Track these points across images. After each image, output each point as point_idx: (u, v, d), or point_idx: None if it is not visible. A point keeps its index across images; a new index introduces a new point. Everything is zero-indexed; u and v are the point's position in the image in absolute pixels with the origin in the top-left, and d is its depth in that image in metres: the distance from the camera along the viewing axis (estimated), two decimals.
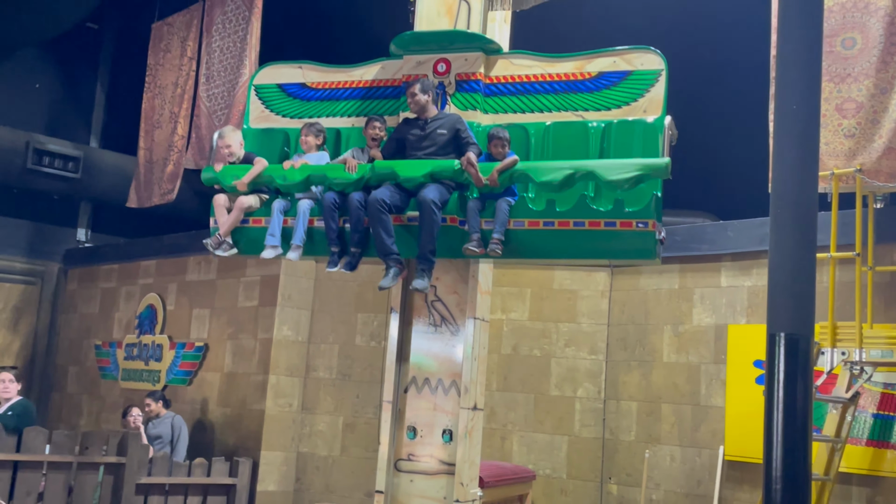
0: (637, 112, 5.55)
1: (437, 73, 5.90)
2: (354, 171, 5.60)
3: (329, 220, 5.68)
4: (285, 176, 5.79)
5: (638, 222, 5.23)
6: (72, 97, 13.92)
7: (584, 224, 5.33)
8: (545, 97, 5.79)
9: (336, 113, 6.23)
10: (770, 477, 4.47)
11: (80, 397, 12.23)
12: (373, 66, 6.17)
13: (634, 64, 5.60)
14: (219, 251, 5.95)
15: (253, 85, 6.44)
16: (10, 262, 12.88)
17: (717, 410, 8.10)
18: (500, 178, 5.39)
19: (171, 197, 11.01)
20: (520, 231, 5.44)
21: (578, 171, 5.29)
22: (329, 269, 5.79)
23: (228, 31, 10.47)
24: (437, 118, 5.69)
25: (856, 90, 6.98)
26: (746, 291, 8.13)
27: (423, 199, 5.39)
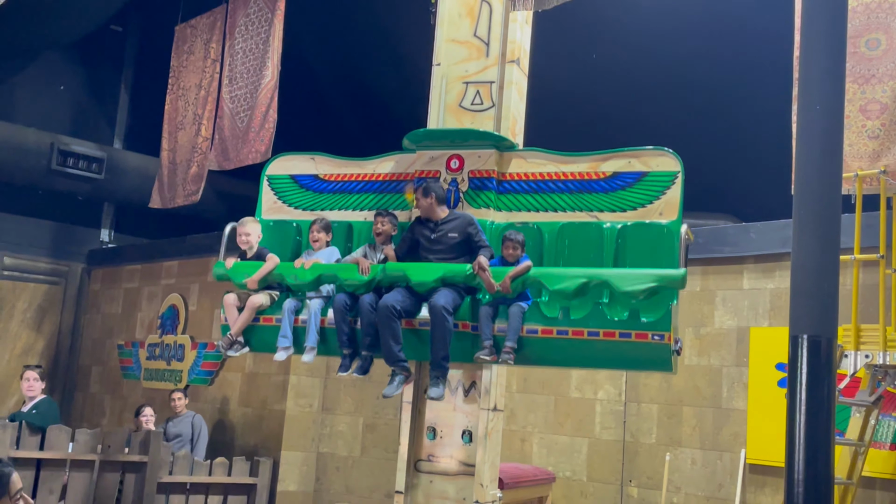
0: (653, 214, 5.42)
1: (450, 169, 5.81)
2: (367, 274, 5.52)
3: (340, 324, 5.59)
4: (296, 275, 5.71)
5: (654, 334, 5.09)
6: (96, 99, 14.03)
7: (599, 334, 5.20)
8: (559, 196, 5.67)
9: (348, 206, 6.14)
10: (792, 481, 4.43)
11: (102, 397, 12.32)
12: (386, 160, 6.08)
13: (650, 165, 5.48)
14: (230, 351, 5.92)
15: (265, 175, 6.34)
16: (35, 262, 13.00)
17: (739, 413, 8.05)
18: (513, 285, 5.27)
19: (195, 198, 11.08)
20: (533, 339, 5.31)
21: (593, 279, 5.19)
22: (340, 372, 5.70)
23: (251, 32, 10.53)
24: (448, 220, 5.59)
25: (880, 91, 6.92)
26: (769, 294, 8.08)
27: (434, 306, 5.29)
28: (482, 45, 6.05)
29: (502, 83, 6.04)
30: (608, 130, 11.48)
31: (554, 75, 9.84)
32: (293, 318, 5.77)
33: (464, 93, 6.08)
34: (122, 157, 12.96)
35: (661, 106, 11.11)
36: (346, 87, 13.52)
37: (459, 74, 6.10)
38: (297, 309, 5.80)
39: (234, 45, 10.74)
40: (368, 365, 5.66)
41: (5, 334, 12.69)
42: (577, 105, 11.27)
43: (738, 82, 10.70)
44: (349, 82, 13.43)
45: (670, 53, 10.76)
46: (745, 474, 7.85)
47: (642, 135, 11.44)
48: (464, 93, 6.08)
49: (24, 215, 12.97)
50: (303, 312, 5.77)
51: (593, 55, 11.15)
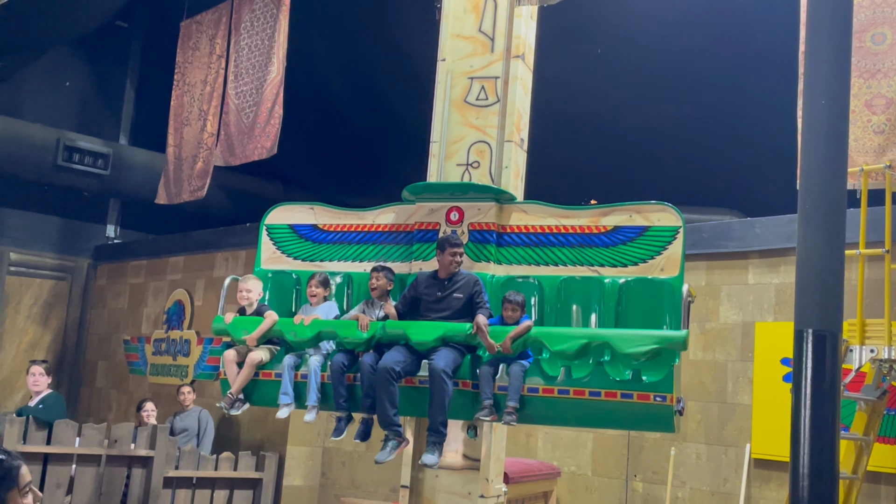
0: (654, 270, 5.38)
1: (450, 221, 5.76)
2: (366, 331, 5.46)
3: (337, 385, 5.52)
4: (296, 332, 5.66)
5: (656, 396, 5.04)
6: (102, 95, 14.07)
7: (601, 394, 5.15)
8: (560, 250, 5.62)
9: (348, 257, 6.08)
10: (797, 475, 4.45)
11: (108, 391, 12.37)
12: (385, 211, 6.02)
13: (651, 220, 5.43)
14: (233, 410, 5.90)
15: (265, 225, 6.29)
16: (41, 257, 13.05)
17: (744, 408, 8.06)
18: (513, 346, 5.22)
19: (200, 194, 11.11)
20: (534, 398, 5.26)
21: (594, 340, 5.14)
22: (334, 437, 5.66)
23: (257, 28, 10.54)
24: (455, 280, 5.52)
25: (886, 86, 6.92)
26: (774, 289, 8.08)
27: (434, 369, 5.22)
28: (487, 41, 6.05)
29: (507, 78, 6.04)
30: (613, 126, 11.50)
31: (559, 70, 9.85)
32: (293, 373, 5.70)
33: (469, 88, 6.08)
34: (127, 153, 12.99)
35: (666, 101, 11.11)
36: (351, 82, 13.53)
37: (464, 70, 6.10)
38: (296, 365, 5.74)
39: (240, 41, 10.76)
40: (369, 429, 5.59)
41: (12, 329, 12.74)
42: (581, 100, 11.27)
43: (743, 77, 10.69)
44: (354, 78, 13.43)
45: (675, 48, 10.75)
46: (751, 469, 7.86)
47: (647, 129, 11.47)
48: (469, 88, 6.08)
49: (31, 211, 13.03)
50: (302, 367, 5.71)
51: (598, 50, 11.15)
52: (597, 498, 8.77)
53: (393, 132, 12.59)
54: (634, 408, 5.08)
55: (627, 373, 5.15)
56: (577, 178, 12.23)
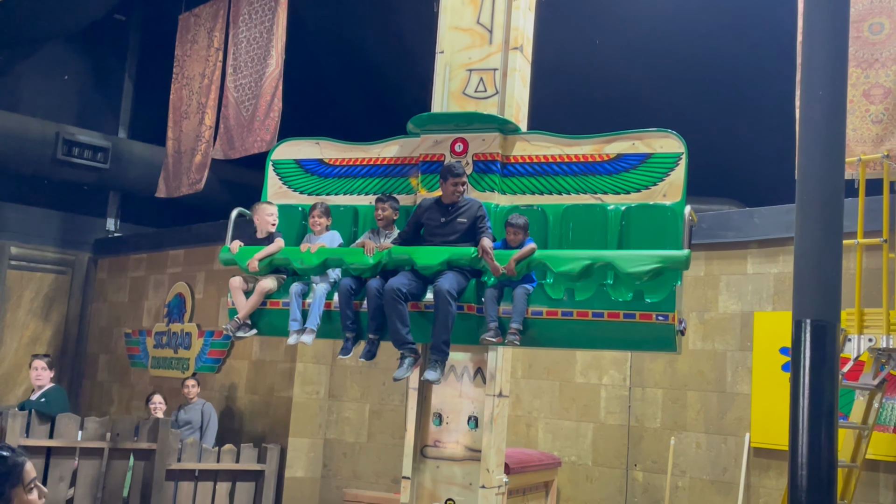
0: (656, 196, 5.42)
1: (455, 152, 5.80)
2: (372, 255, 5.53)
3: (345, 307, 5.60)
4: (302, 259, 5.71)
5: (658, 315, 5.11)
6: (100, 88, 14.06)
7: (603, 315, 5.22)
8: (563, 179, 5.66)
9: (353, 190, 6.14)
10: (796, 463, 4.48)
11: (110, 385, 12.40)
12: (390, 144, 6.08)
13: (654, 147, 5.47)
14: (239, 332, 5.95)
15: (271, 160, 6.34)
16: (42, 251, 13.07)
17: (743, 398, 8.09)
18: (518, 267, 5.27)
19: (199, 187, 11.12)
20: (538, 320, 5.33)
21: (597, 261, 5.18)
22: (342, 355, 5.70)
23: (255, 21, 10.54)
24: (460, 206, 5.58)
25: (883, 75, 6.93)
26: (773, 278, 8.11)
27: (438, 290, 5.30)
28: (485, 33, 6.06)
29: (506, 70, 6.04)
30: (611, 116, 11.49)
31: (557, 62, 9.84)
32: (301, 301, 5.80)
33: (467, 80, 6.09)
34: (127, 147, 12.99)
35: (664, 92, 11.11)
36: (350, 75, 13.53)
37: (463, 62, 6.11)
38: (303, 293, 5.83)
39: (238, 34, 10.76)
40: (375, 349, 5.66)
41: (13, 324, 12.76)
42: (580, 92, 11.27)
43: (741, 67, 10.69)
44: (354, 70, 13.43)
45: (673, 39, 10.75)
46: (750, 458, 7.90)
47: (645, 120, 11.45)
48: (467, 80, 6.09)
49: (31, 205, 13.03)
50: (309, 296, 5.81)
51: (596, 41, 11.15)
52: (597, 487, 8.81)
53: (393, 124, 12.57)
54: (637, 328, 5.15)
55: (630, 294, 5.22)
56: None
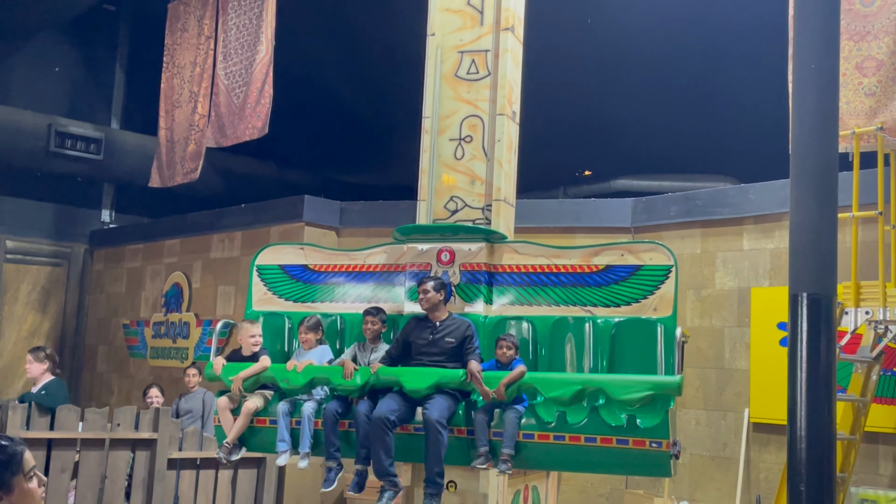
0: (647, 310, 5.35)
1: (441, 262, 5.71)
2: (351, 378, 5.42)
3: (330, 435, 5.49)
4: (289, 379, 5.61)
5: (651, 442, 5.03)
6: (91, 79, 14.01)
7: (596, 440, 5.13)
8: (552, 290, 5.58)
9: (339, 298, 6.04)
10: (794, 437, 4.48)
11: (110, 376, 12.41)
12: (376, 252, 5.98)
13: (643, 259, 5.41)
14: (232, 457, 5.86)
15: (255, 266, 6.23)
16: (37, 244, 13.05)
17: (742, 373, 8.11)
18: (507, 391, 5.18)
19: (194, 176, 11.09)
20: (529, 444, 5.24)
21: (588, 385, 5.13)
22: (324, 488, 5.61)
23: (244, 8, 10.48)
24: (446, 324, 5.48)
25: (876, 48, 6.91)
26: (769, 254, 8.11)
27: (428, 421, 5.18)
28: (476, 14, 6.02)
29: (497, 51, 6.01)
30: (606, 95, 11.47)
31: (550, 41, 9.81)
32: (289, 420, 5.68)
33: (459, 62, 6.06)
34: (119, 137, 12.96)
35: (658, 69, 11.08)
36: (341, 59, 13.48)
37: (454, 44, 6.07)
38: (290, 411, 5.71)
39: (228, 21, 10.70)
40: (364, 480, 5.50)
41: (11, 317, 12.76)
42: (573, 70, 11.24)
43: (735, 44, 10.66)
44: (344, 54, 13.38)
45: (668, 16, 10.71)
46: (749, 433, 7.93)
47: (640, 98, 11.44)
48: (459, 62, 6.06)
49: (25, 198, 13.01)
50: (297, 414, 5.68)
51: (588, 20, 11.11)
52: None
53: (385, 108, 12.56)
54: (630, 454, 5.06)
55: (623, 417, 5.12)
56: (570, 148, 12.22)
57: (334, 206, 10.28)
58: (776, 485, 7.10)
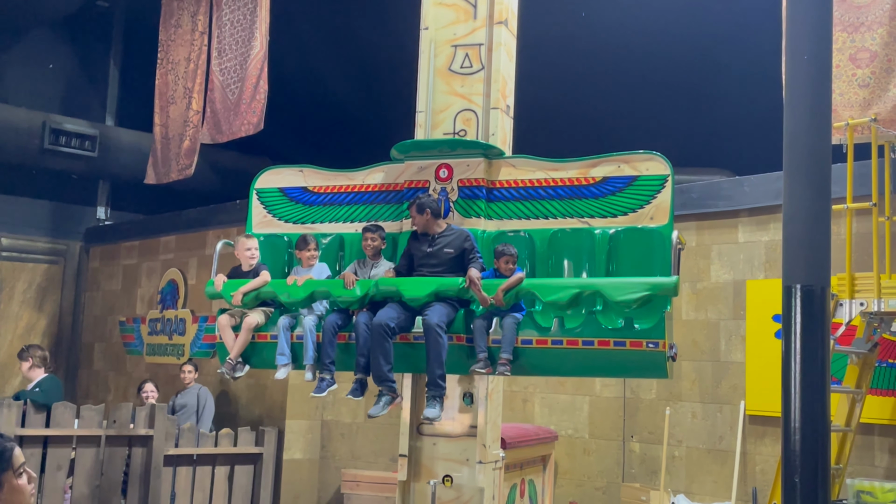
0: (644, 219, 5.40)
1: (440, 178, 5.75)
2: (352, 287, 5.47)
3: (328, 347, 5.54)
4: (289, 293, 5.66)
5: (648, 342, 5.08)
6: (86, 76, 13.97)
7: (594, 343, 5.19)
8: (549, 203, 5.62)
9: (339, 218, 6.08)
10: (789, 429, 4.49)
11: (106, 373, 12.40)
12: (375, 171, 6.01)
13: (640, 169, 5.44)
14: (237, 374, 5.93)
15: (255, 189, 6.27)
16: (33, 241, 13.03)
17: (737, 366, 8.12)
18: (506, 297, 5.23)
19: (189, 172, 11.08)
20: (528, 349, 5.29)
21: (585, 289, 5.15)
22: (315, 394, 5.65)
23: (238, 3, 10.46)
24: (444, 235, 5.53)
25: (869, 39, 6.91)
26: (764, 246, 8.12)
27: (428, 325, 5.25)
28: (469, 7, 6.02)
29: (491, 45, 6.01)
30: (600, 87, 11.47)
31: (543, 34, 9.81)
32: (289, 334, 5.73)
33: (453, 56, 6.06)
34: (114, 134, 12.93)
35: (652, 62, 11.07)
36: (335, 54, 13.46)
37: (448, 38, 6.07)
38: (291, 325, 5.76)
39: (222, 17, 10.68)
40: (364, 387, 5.56)
41: (6, 315, 12.74)
42: (567, 64, 11.23)
43: (728, 35, 10.65)
44: (339, 49, 13.36)
45: (660, 7, 10.71)
46: (745, 425, 7.94)
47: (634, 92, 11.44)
48: (453, 56, 6.06)
49: (20, 195, 12.98)
50: (298, 328, 5.73)
51: (582, 13, 11.10)
52: (594, 460, 8.85)
53: (380, 103, 12.54)
54: (627, 355, 5.13)
55: (619, 321, 5.20)
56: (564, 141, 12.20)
57: None
58: (772, 477, 7.11)
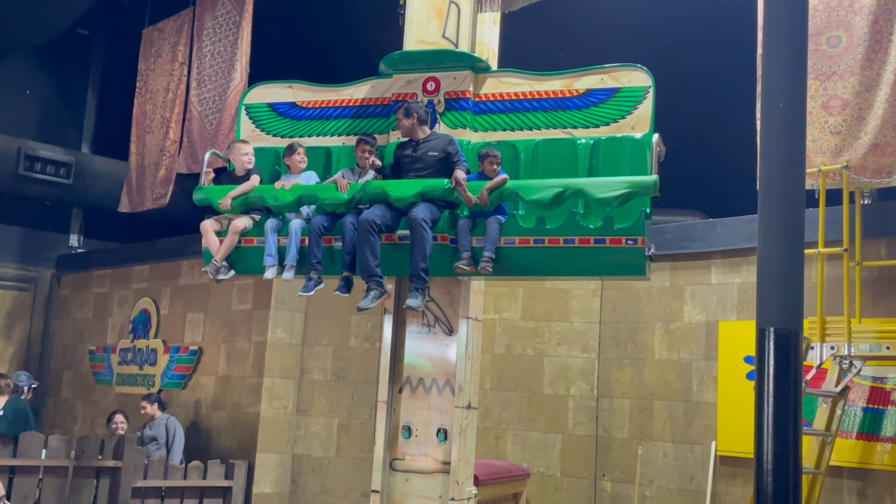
0: (625, 129, 5.62)
1: (427, 91, 5.94)
2: (345, 191, 5.64)
3: (314, 246, 5.71)
4: (276, 196, 5.82)
5: (627, 239, 5.29)
6: (63, 103, 13.92)
7: (574, 241, 5.38)
8: (534, 115, 5.84)
9: (327, 132, 6.28)
10: (761, 471, 4.52)
11: (74, 402, 12.24)
12: (363, 85, 6.20)
13: (622, 81, 5.67)
14: (220, 276, 6.04)
15: (243, 105, 6.46)
16: (3, 268, 12.89)
17: (709, 406, 8.17)
18: (490, 197, 5.42)
19: (163, 202, 11.04)
20: (510, 249, 5.47)
21: (568, 189, 5.35)
22: (302, 293, 5.78)
23: (219, 35, 10.51)
24: (428, 139, 5.74)
25: (841, 88, 7.05)
26: (736, 288, 8.20)
27: (413, 218, 5.44)
28: (451, 47, 6.10)
29: None
30: None
31: None
32: (276, 236, 5.88)
33: None
34: (89, 162, 12.86)
35: None
36: None
37: None
38: (278, 228, 5.90)
39: (202, 48, 10.72)
40: (350, 284, 5.72)
41: None
42: None
43: (702, 80, 10.82)
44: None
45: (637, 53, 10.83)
46: (716, 466, 7.97)
47: None
48: None
49: None
50: (284, 232, 5.87)
51: (561, 55, 11.23)
52: (566, 498, 8.84)
53: None
54: (607, 252, 5.33)
55: (599, 221, 5.38)
56: None
57: None
58: None
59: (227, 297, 10.31)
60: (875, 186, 7.07)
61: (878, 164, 6.94)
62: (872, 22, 7.03)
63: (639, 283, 8.74)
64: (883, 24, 6.99)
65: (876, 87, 6.97)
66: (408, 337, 5.91)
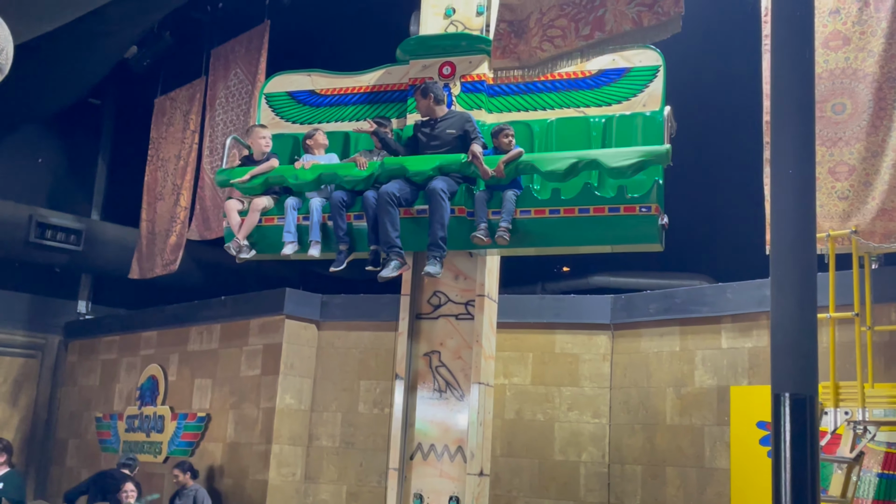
0: (637, 107, 5.82)
1: (443, 75, 6.17)
2: (364, 168, 5.81)
3: (337, 219, 5.87)
4: (297, 175, 6.00)
5: (641, 207, 5.41)
6: (74, 171, 14.07)
7: (589, 211, 5.50)
8: (548, 95, 6.05)
9: (345, 118, 6.51)
10: None
11: (79, 471, 12.14)
12: (380, 72, 6.47)
13: (633, 61, 5.87)
14: (242, 254, 6.17)
15: (263, 94, 6.74)
16: (11, 335, 12.89)
17: (722, 472, 8.08)
18: (506, 170, 5.56)
19: (173, 268, 11.08)
20: (526, 220, 5.59)
21: (582, 159, 5.47)
22: (334, 268, 5.93)
23: (232, 104, 10.66)
24: (446, 117, 5.93)
25: (847, 153, 7.12)
26: (747, 353, 8.18)
27: (431, 189, 5.60)
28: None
29: None
30: None
31: None
32: (296, 214, 6.02)
33: None
34: (99, 229, 12.96)
35: None
36: None
37: None
38: (298, 206, 6.03)
39: (215, 117, 10.86)
40: (378, 257, 5.80)
41: None
42: None
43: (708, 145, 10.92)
44: None
45: None
46: None
47: None
48: None
49: (1, 288, 12.89)
50: (304, 210, 6.00)
51: None
52: None
53: None
54: (621, 221, 5.42)
55: (613, 192, 5.48)
56: None
57: (315, 298, 10.28)
58: None
59: (235, 363, 10.29)
60: (884, 251, 7.08)
61: (886, 228, 6.97)
62: (876, 89, 7.12)
63: (648, 348, 8.72)
64: (887, 91, 7.08)
65: (882, 152, 7.04)
66: (419, 402, 5.91)
